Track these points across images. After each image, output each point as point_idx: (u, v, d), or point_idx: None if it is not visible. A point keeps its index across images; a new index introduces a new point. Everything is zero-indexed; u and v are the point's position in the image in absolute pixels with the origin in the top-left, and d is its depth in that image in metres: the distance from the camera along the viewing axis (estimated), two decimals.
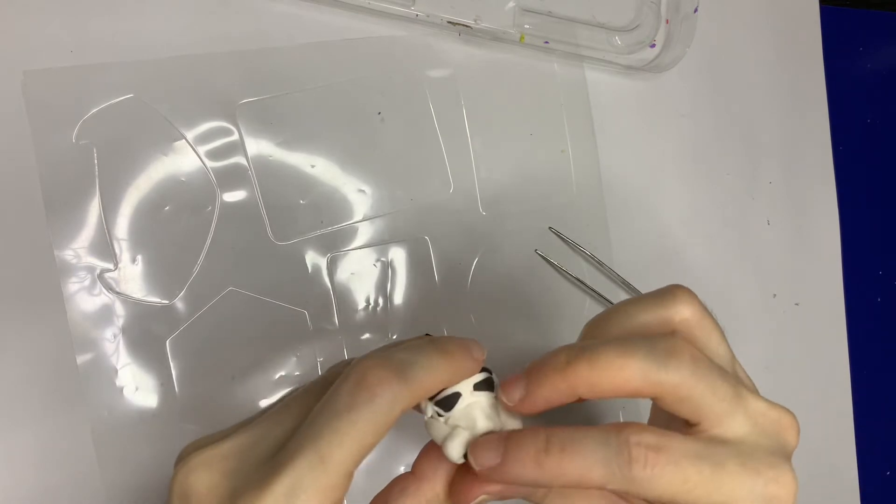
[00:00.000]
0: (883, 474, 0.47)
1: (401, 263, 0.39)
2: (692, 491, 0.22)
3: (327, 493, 0.22)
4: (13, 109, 0.35)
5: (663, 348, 0.23)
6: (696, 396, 0.23)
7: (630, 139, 0.43)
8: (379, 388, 0.23)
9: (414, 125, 0.40)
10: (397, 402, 0.23)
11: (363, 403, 0.22)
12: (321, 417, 0.23)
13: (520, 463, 0.23)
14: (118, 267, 0.36)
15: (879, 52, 0.49)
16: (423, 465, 0.26)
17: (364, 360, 0.23)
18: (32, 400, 0.35)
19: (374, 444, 0.23)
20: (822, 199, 0.47)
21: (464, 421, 0.26)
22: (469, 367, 0.26)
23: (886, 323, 0.48)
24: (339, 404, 0.23)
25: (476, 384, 0.26)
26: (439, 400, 0.26)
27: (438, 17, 0.39)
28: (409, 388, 0.23)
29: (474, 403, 0.26)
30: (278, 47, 0.39)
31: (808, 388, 0.45)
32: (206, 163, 0.37)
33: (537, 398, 0.24)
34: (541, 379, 0.24)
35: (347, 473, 0.22)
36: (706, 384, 0.23)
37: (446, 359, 0.25)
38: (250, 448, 0.23)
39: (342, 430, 0.22)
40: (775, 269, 0.45)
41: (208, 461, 0.23)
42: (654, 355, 0.23)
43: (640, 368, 0.22)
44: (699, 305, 0.26)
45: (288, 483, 0.22)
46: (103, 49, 0.37)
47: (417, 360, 0.24)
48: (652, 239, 0.43)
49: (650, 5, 0.42)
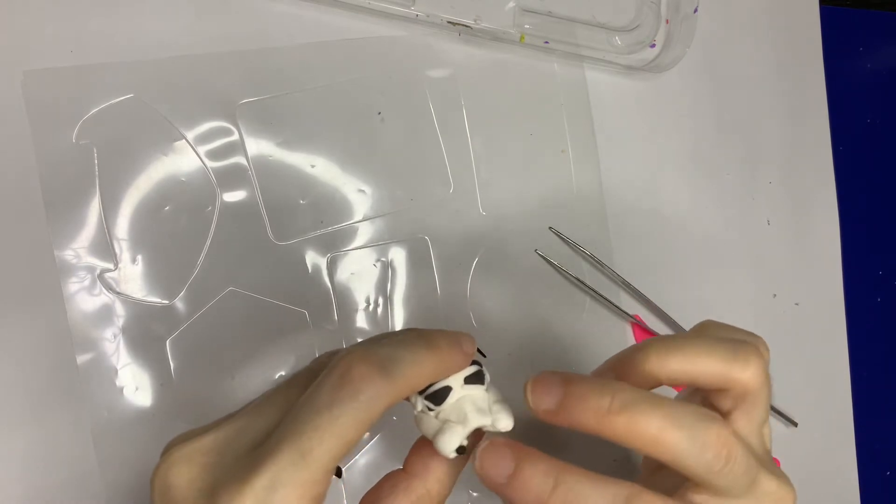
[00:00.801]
0: (883, 474, 0.47)
1: (401, 263, 0.39)
2: None
3: (307, 489, 0.22)
4: (13, 109, 0.35)
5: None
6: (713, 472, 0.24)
7: (630, 139, 0.43)
8: (362, 384, 0.22)
9: (414, 125, 0.40)
10: (381, 399, 0.23)
11: (346, 399, 0.22)
12: (303, 412, 0.22)
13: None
14: (118, 267, 0.36)
15: (879, 52, 0.49)
16: (415, 461, 0.26)
17: (348, 355, 0.23)
18: (33, 400, 0.35)
19: (356, 440, 0.23)
20: (822, 199, 0.47)
21: (455, 415, 0.25)
22: (458, 361, 0.26)
23: (886, 323, 0.48)
24: (321, 399, 0.22)
25: (467, 378, 0.26)
26: (429, 394, 0.25)
27: (438, 17, 0.39)
28: (393, 385, 0.23)
29: (465, 397, 0.26)
30: (278, 47, 0.39)
31: (808, 388, 0.45)
32: (206, 163, 0.37)
33: (570, 416, 0.24)
34: (580, 403, 0.24)
35: (328, 469, 0.22)
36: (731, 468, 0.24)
37: (433, 353, 0.25)
38: (232, 441, 0.23)
39: (323, 426, 0.22)
40: (775, 269, 0.45)
41: (189, 455, 0.23)
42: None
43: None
44: (765, 371, 0.26)
45: (268, 478, 0.21)
46: (103, 49, 0.37)
47: (403, 355, 0.24)
48: (652, 239, 0.43)
49: (650, 5, 0.42)
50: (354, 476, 0.37)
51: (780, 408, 0.44)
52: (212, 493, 0.22)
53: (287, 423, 0.22)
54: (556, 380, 0.24)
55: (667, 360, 0.25)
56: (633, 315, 0.42)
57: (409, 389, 0.24)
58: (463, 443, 0.25)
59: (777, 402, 0.44)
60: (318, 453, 0.22)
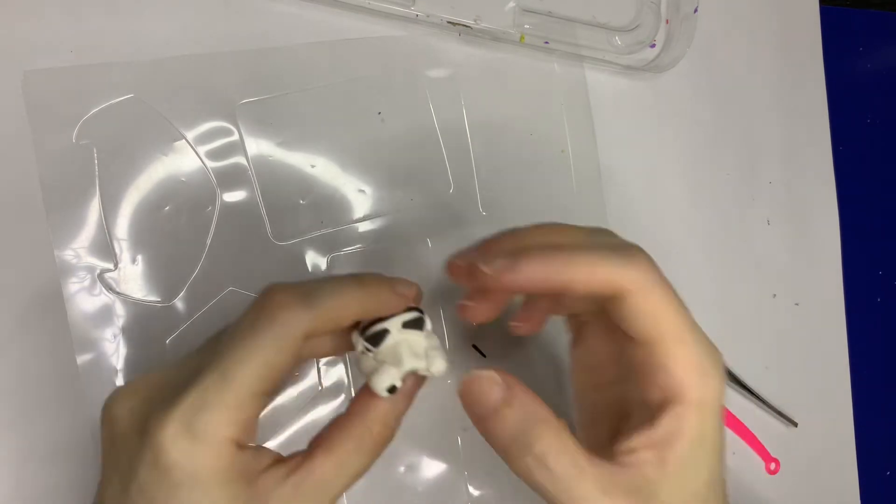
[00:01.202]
0: (883, 474, 0.47)
1: (401, 264, 0.39)
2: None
3: (233, 411, 0.23)
4: (13, 109, 0.35)
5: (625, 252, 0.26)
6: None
7: (630, 139, 0.43)
8: (279, 311, 0.24)
9: (414, 125, 0.40)
10: (298, 324, 0.24)
11: (264, 323, 0.24)
12: (226, 339, 0.24)
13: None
14: (118, 267, 0.36)
15: (879, 52, 0.49)
16: (357, 402, 0.27)
17: (271, 286, 0.25)
18: (32, 400, 0.35)
19: (279, 366, 0.24)
20: (822, 199, 0.47)
21: (390, 357, 0.27)
22: (389, 301, 0.27)
23: (886, 323, 0.48)
24: (242, 326, 0.24)
25: (405, 322, 0.27)
26: (368, 336, 0.27)
27: (438, 17, 0.39)
28: (310, 312, 0.24)
29: (402, 341, 0.27)
30: (278, 47, 0.39)
31: (808, 388, 0.45)
32: (206, 163, 0.37)
33: (518, 274, 0.25)
34: (530, 259, 0.25)
35: (253, 393, 0.23)
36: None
37: (359, 288, 0.26)
38: (172, 378, 0.25)
39: (244, 349, 0.23)
40: (775, 269, 0.45)
41: (133, 389, 0.25)
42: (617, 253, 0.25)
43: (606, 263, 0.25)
44: (656, 272, 0.26)
45: (193, 399, 0.23)
46: (103, 49, 0.37)
47: (324, 286, 0.25)
48: (652, 239, 0.43)
49: (650, 5, 0.42)
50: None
51: (780, 408, 0.44)
52: (146, 418, 0.23)
53: (214, 351, 0.24)
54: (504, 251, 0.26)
55: (564, 273, 0.25)
56: None
57: (332, 320, 0.25)
58: (397, 384, 0.26)
59: (777, 402, 0.44)
60: (239, 375, 0.23)
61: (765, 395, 0.44)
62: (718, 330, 0.43)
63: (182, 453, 0.22)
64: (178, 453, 0.22)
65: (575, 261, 0.25)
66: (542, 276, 0.25)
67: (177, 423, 0.22)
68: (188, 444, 0.22)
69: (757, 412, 0.44)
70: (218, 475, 0.23)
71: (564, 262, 0.25)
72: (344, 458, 0.26)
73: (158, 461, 0.22)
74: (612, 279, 0.25)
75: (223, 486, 0.23)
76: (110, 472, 0.25)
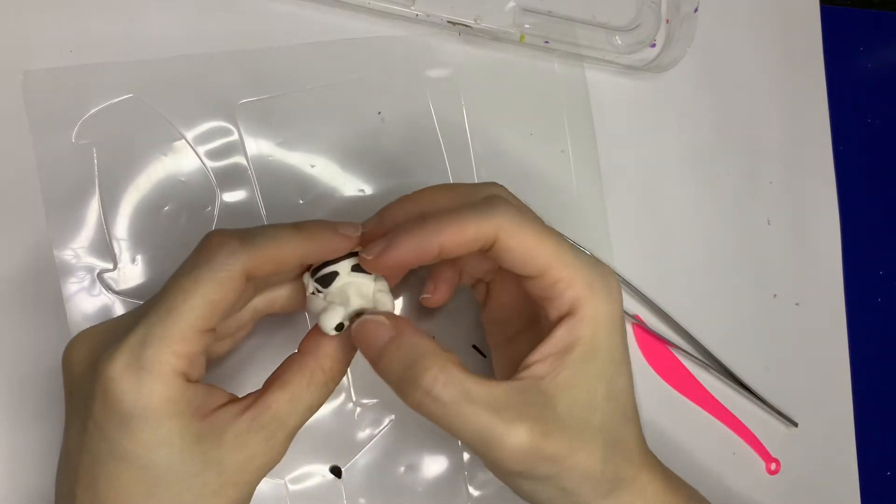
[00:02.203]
0: (883, 474, 0.47)
1: None
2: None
3: (178, 345, 0.24)
4: (13, 109, 0.35)
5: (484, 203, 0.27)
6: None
7: (630, 139, 0.43)
8: (218, 248, 0.25)
9: (414, 125, 0.40)
10: (235, 261, 0.25)
11: (203, 263, 0.25)
12: (170, 281, 0.26)
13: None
14: (118, 267, 0.36)
15: (879, 52, 0.49)
16: (308, 341, 0.29)
17: (212, 231, 0.27)
18: (32, 400, 0.35)
19: (220, 303, 0.25)
20: (822, 199, 0.47)
21: (338, 298, 0.28)
22: (332, 243, 0.28)
23: (886, 323, 0.48)
24: (184, 268, 0.26)
25: (354, 266, 0.28)
26: (318, 277, 0.28)
27: (438, 17, 0.39)
28: (249, 250, 0.25)
29: (350, 283, 0.28)
30: (278, 47, 0.39)
31: (808, 388, 0.45)
32: (206, 163, 0.37)
33: (394, 253, 0.27)
34: (400, 238, 0.27)
35: (196, 328, 0.24)
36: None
37: (298, 231, 0.27)
38: (123, 322, 0.26)
39: (186, 285, 0.25)
40: (775, 269, 0.45)
41: (88, 334, 0.27)
42: (477, 209, 0.27)
43: (473, 223, 0.26)
44: (517, 212, 0.27)
45: (139, 334, 0.24)
46: (103, 49, 0.37)
47: (265, 230, 0.27)
48: (652, 239, 0.43)
49: (650, 5, 0.42)
50: (354, 476, 0.37)
51: (780, 408, 0.44)
52: (98, 358, 0.25)
53: (159, 294, 0.25)
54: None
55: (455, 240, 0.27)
56: (634, 315, 0.42)
57: (271, 260, 0.26)
58: (344, 322, 0.28)
59: (777, 402, 0.44)
60: (182, 310, 0.24)
61: (765, 395, 0.44)
62: (718, 330, 0.44)
63: (130, 384, 0.23)
64: (127, 384, 0.23)
65: (442, 226, 0.26)
66: (417, 247, 0.26)
67: (124, 357, 0.24)
68: (135, 376, 0.23)
69: (757, 412, 0.44)
70: (167, 406, 0.24)
71: (433, 230, 0.26)
72: (297, 393, 0.27)
73: (108, 395, 0.24)
74: (479, 232, 0.26)
75: (174, 418, 0.24)
76: (72, 414, 0.26)
